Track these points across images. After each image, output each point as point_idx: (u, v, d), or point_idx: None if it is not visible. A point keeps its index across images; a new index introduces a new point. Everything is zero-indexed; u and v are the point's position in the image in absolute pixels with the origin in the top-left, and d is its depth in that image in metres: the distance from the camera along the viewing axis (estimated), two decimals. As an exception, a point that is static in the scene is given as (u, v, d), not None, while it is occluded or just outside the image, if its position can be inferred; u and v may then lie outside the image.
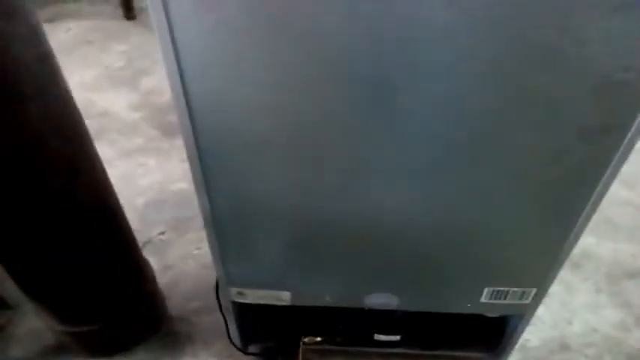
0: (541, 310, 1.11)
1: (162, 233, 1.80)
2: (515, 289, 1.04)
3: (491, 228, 0.93)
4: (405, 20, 0.65)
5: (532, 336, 1.47)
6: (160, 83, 2.53)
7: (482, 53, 0.68)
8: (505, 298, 1.06)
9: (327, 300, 1.11)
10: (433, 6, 0.63)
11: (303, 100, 0.75)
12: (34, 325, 1.48)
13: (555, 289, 1.06)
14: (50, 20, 3.04)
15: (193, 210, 1.76)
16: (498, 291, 1.05)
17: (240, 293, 1.12)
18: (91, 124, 1.11)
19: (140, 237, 1.63)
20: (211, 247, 1.00)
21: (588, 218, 0.88)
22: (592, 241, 1.74)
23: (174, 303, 1.58)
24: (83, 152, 1.07)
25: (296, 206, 0.92)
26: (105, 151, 2.08)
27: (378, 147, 0.81)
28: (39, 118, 0.93)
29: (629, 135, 0.74)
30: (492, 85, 0.71)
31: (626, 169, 0.82)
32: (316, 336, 1.31)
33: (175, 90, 0.74)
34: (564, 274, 1.59)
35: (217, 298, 1.17)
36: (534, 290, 1.04)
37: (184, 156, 0.82)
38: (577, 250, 0.95)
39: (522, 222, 0.92)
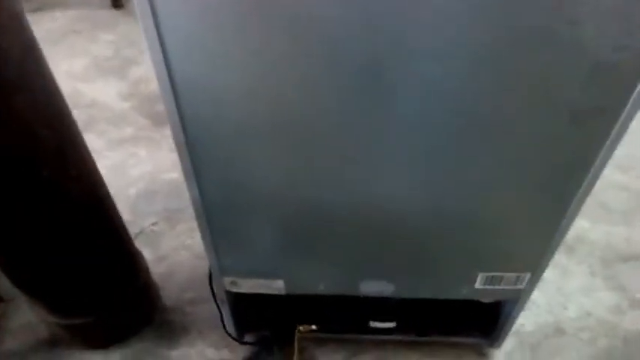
0: (536, 295, 1.11)
1: (155, 224, 1.79)
2: (510, 274, 1.04)
3: (485, 213, 0.93)
4: (398, 6, 0.64)
5: (527, 320, 1.47)
6: (148, 72, 2.49)
7: (475, 37, 0.67)
8: (500, 284, 1.06)
9: (322, 288, 1.11)
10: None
11: (292, 85, 0.74)
12: (27, 318, 1.47)
13: (550, 273, 1.06)
14: (37, 10, 3.00)
15: (185, 200, 1.74)
16: (493, 276, 1.05)
17: (233, 283, 1.11)
18: (79, 114, 1.10)
19: (132, 228, 1.62)
20: (203, 237, 0.99)
21: (582, 202, 0.88)
22: (586, 225, 1.74)
23: (169, 293, 1.58)
24: (71, 143, 1.05)
25: (287, 194, 0.91)
26: (95, 141, 2.08)
27: (369, 133, 0.80)
28: (25, 109, 0.91)
29: (622, 116, 0.74)
30: (485, 68, 0.70)
31: (620, 152, 0.81)
32: (311, 324, 1.30)
33: (161, 77, 0.72)
34: (559, 258, 1.59)
35: (211, 288, 1.16)
36: (528, 275, 1.04)
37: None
38: (571, 234, 0.95)
39: (516, 207, 0.91)
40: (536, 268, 1.03)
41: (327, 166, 0.86)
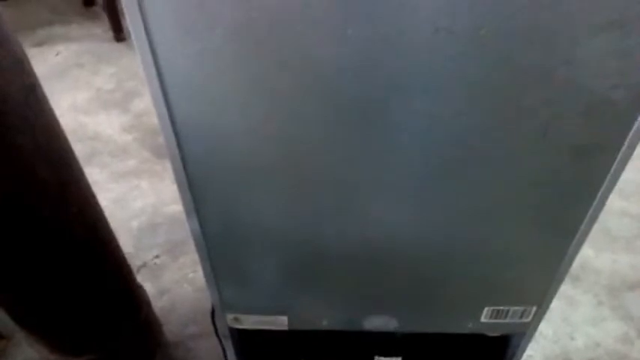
0: (543, 325, 1.10)
1: (157, 257, 1.78)
2: (516, 307, 1.03)
3: (489, 247, 0.92)
4: (393, 46, 0.64)
5: (534, 352, 1.45)
6: (151, 105, 2.51)
7: (471, 76, 0.67)
8: (506, 317, 1.05)
9: (325, 324, 1.09)
10: (419, 29, 0.63)
11: (292, 124, 0.74)
12: (28, 355, 1.45)
13: (556, 303, 1.04)
14: (39, 44, 3.04)
15: (188, 233, 1.74)
16: (498, 310, 1.03)
17: (236, 319, 1.10)
18: (82, 147, 1.11)
19: (135, 261, 1.62)
20: (205, 273, 0.99)
21: (586, 233, 0.87)
22: (590, 253, 1.73)
23: (171, 328, 1.56)
24: (73, 181, 1.06)
25: (289, 230, 0.90)
26: (97, 174, 2.08)
27: (370, 170, 0.79)
28: (26, 150, 0.91)
29: (622, 151, 0.73)
30: (483, 107, 0.70)
31: (621, 178, 0.81)
32: (315, 359, 1.29)
33: (162, 116, 0.72)
34: (564, 287, 1.57)
35: (213, 324, 1.15)
36: (535, 308, 1.03)
37: (176, 178, 0.81)
38: (576, 263, 0.94)
39: (520, 240, 0.90)
40: (542, 300, 1.01)
41: (328, 203, 0.85)
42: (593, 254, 1.73)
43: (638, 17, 0.61)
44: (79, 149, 1.09)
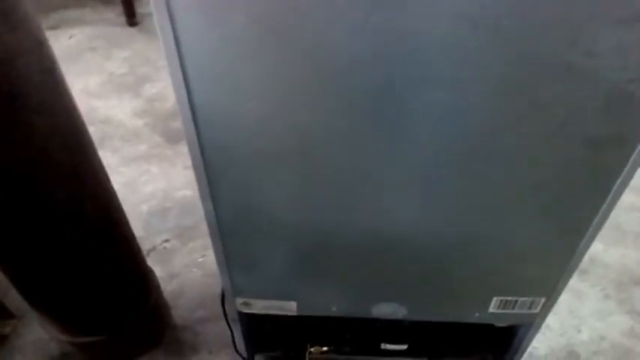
0: (549, 318, 1.10)
1: (167, 241, 1.79)
2: (524, 298, 1.03)
3: (501, 238, 0.92)
4: (414, 34, 0.64)
5: (540, 344, 1.45)
6: (163, 90, 2.53)
7: (491, 66, 0.67)
8: (514, 308, 1.05)
9: (334, 310, 1.10)
10: (441, 19, 0.63)
11: (309, 112, 0.74)
12: (38, 335, 1.47)
13: (563, 296, 1.05)
14: (53, 27, 3.04)
15: (197, 217, 1.76)
16: (507, 300, 1.04)
17: (245, 303, 1.11)
18: (94, 131, 1.11)
19: (144, 245, 1.63)
20: (217, 258, 1.00)
21: (599, 228, 0.87)
22: (599, 248, 1.73)
23: (179, 312, 1.58)
24: (87, 163, 1.07)
25: (302, 217, 0.91)
26: (108, 158, 2.09)
27: (384, 158, 0.80)
28: (43, 131, 0.92)
29: (639, 145, 0.73)
30: (502, 97, 0.70)
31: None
32: (323, 345, 1.30)
33: (181, 101, 0.73)
34: (572, 280, 1.57)
35: (223, 308, 1.16)
36: (543, 299, 1.03)
37: (188, 163, 0.82)
38: (584, 257, 0.94)
39: (532, 232, 0.91)
40: (551, 292, 1.02)
41: (341, 191, 0.86)
42: (602, 248, 1.73)
43: (658, 11, 0.60)
44: (90, 133, 1.10)
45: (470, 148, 0.77)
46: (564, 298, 1.56)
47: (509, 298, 1.04)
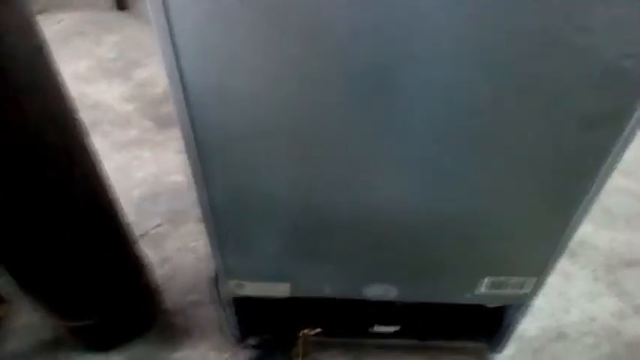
0: (538, 299, 1.11)
1: (159, 226, 1.79)
2: (515, 278, 1.04)
3: (491, 218, 0.93)
4: (405, 10, 0.64)
5: (530, 325, 1.47)
6: (153, 74, 2.50)
7: (484, 41, 0.67)
8: (505, 288, 1.06)
9: (326, 291, 1.11)
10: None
11: (302, 92, 0.74)
12: (30, 319, 1.47)
13: (553, 278, 1.05)
14: (42, 11, 3.00)
15: (189, 202, 1.75)
16: (498, 281, 1.05)
17: (239, 285, 1.11)
18: (84, 116, 1.10)
19: (136, 230, 1.62)
20: (210, 240, 1.00)
21: (589, 207, 0.88)
22: (589, 230, 1.74)
23: (172, 296, 1.58)
24: (78, 145, 1.06)
25: (295, 198, 0.91)
26: (99, 143, 2.06)
27: (376, 138, 0.80)
28: (34, 112, 0.91)
29: (630, 123, 0.74)
30: (493, 73, 0.70)
31: (624, 157, 0.81)
32: (315, 328, 1.30)
33: (173, 82, 0.72)
34: (561, 262, 1.58)
35: (217, 290, 1.16)
36: (534, 279, 1.04)
37: (179, 147, 0.81)
38: (574, 239, 0.95)
39: (522, 211, 0.91)
40: (541, 272, 1.03)
41: (333, 171, 0.86)
42: (592, 230, 1.74)
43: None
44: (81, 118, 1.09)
45: (461, 126, 0.77)
46: (554, 280, 1.58)
47: (500, 278, 1.04)
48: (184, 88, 0.73)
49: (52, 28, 2.88)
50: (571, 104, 0.73)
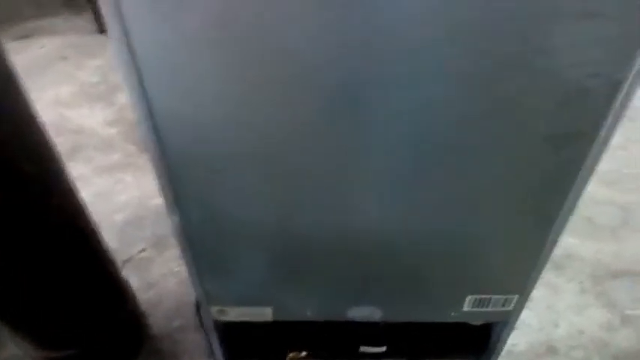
0: (527, 314, 1.11)
1: (143, 250, 1.77)
2: (498, 296, 1.04)
3: (470, 236, 0.92)
4: (371, 34, 0.64)
5: (518, 340, 1.46)
6: (136, 98, 2.49)
7: (448, 65, 0.67)
8: (488, 306, 1.05)
9: (309, 315, 1.10)
10: (398, 20, 0.63)
11: (270, 114, 0.74)
12: (12, 351, 1.44)
13: (540, 291, 1.05)
14: (25, 37, 3.00)
15: (173, 226, 1.73)
16: (481, 299, 1.04)
17: (221, 311, 1.10)
18: (66, 141, 1.10)
19: (120, 255, 1.61)
20: (188, 267, 0.98)
21: (565, 221, 0.88)
22: (574, 242, 1.74)
23: (157, 321, 1.56)
24: (53, 173, 1.04)
25: (272, 221, 0.90)
26: (82, 168, 2.06)
27: (351, 159, 0.79)
28: (4, 141, 0.90)
29: (599, 140, 0.74)
30: (460, 96, 0.70)
31: (604, 167, 0.81)
32: (301, 350, 1.29)
33: (139, 107, 0.72)
34: (548, 275, 1.59)
35: (199, 317, 1.15)
36: (516, 297, 1.04)
37: (162, 171, 0.80)
38: (560, 251, 0.95)
39: (500, 229, 0.91)
40: (523, 289, 1.02)
41: (309, 193, 0.85)
42: (577, 242, 1.74)
43: (613, 7, 0.61)
44: (62, 143, 1.08)
45: (432, 147, 0.77)
46: (541, 294, 1.57)
47: (482, 296, 1.04)
48: (151, 114, 0.72)
49: (34, 52, 2.87)
50: (538, 123, 0.73)
